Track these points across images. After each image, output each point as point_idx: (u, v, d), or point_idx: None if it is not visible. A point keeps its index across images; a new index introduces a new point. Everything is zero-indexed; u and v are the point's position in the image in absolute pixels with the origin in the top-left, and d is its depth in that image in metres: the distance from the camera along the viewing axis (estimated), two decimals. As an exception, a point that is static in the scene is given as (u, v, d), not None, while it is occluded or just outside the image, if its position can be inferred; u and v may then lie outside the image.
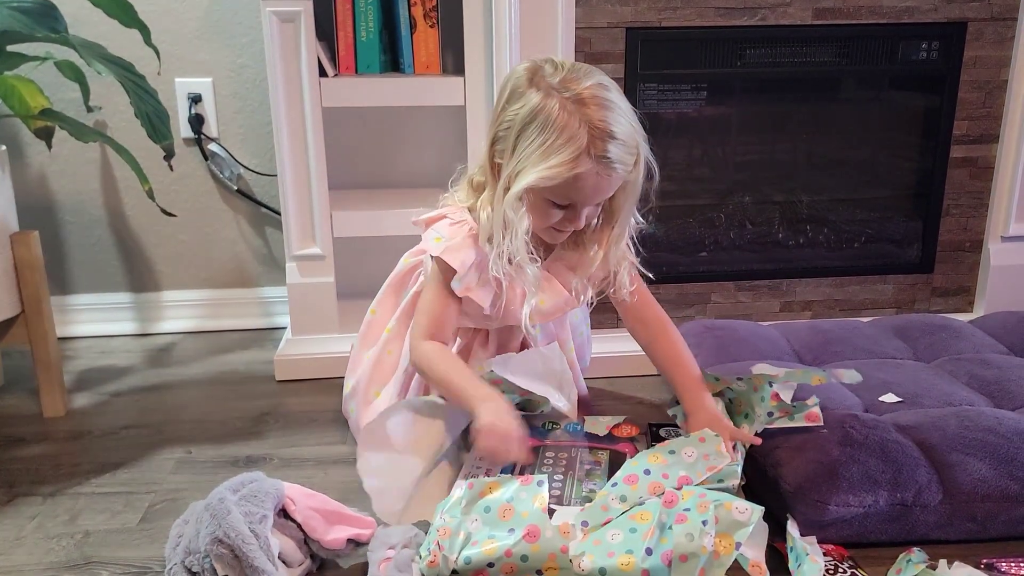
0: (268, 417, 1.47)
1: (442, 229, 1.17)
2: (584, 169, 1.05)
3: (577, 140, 1.05)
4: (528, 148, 1.07)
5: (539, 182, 1.06)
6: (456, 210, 1.19)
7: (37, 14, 1.24)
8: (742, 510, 0.97)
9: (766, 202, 1.75)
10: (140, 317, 1.88)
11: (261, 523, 0.97)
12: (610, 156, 1.06)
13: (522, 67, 1.12)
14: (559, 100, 1.05)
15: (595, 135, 1.05)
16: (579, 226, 1.15)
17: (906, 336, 1.55)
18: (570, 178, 1.06)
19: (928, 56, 1.63)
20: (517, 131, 1.08)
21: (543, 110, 1.06)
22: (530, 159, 1.06)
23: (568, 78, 1.07)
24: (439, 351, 1.17)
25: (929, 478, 1.09)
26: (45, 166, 1.78)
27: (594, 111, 1.05)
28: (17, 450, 1.36)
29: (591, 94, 1.06)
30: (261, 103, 1.78)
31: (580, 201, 1.11)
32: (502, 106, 1.11)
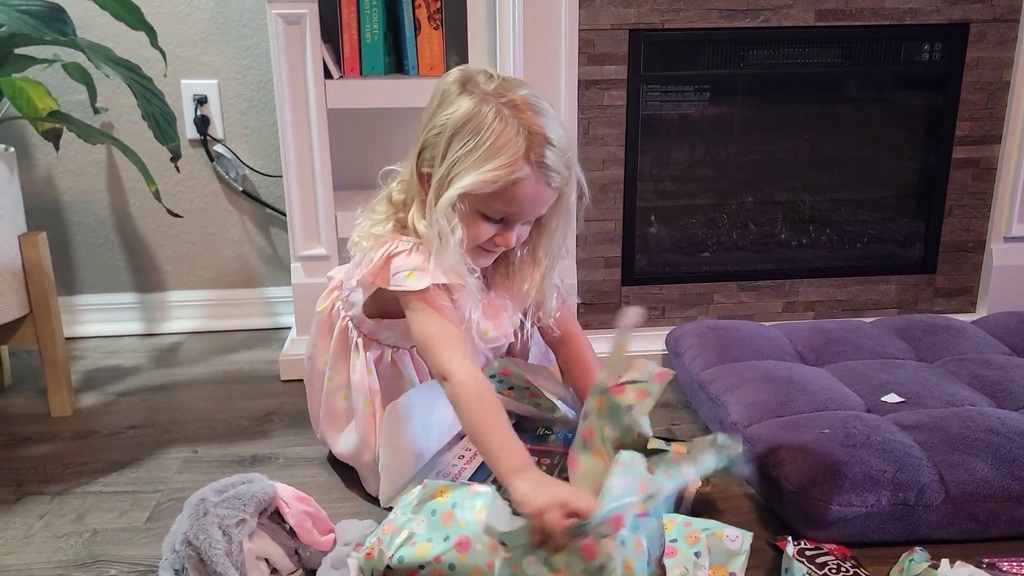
0: (273, 417, 1.48)
1: (403, 264, 1.08)
2: (523, 175, 1.01)
3: (515, 144, 1.01)
4: (461, 153, 1.02)
5: (476, 187, 1.01)
6: (392, 243, 1.10)
7: (45, 17, 1.25)
8: (733, 538, 0.97)
9: (769, 202, 1.76)
10: (146, 317, 1.89)
11: (238, 527, 0.96)
12: (548, 163, 1.02)
13: (453, 74, 1.08)
14: (495, 105, 1.02)
15: (534, 140, 1.02)
16: (509, 244, 1.10)
17: (909, 336, 1.55)
18: (509, 183, 1.01)
19: (931, 57, 1.63)
20: (448, 136, 1.03)
21: (478, 114, 1.02)
22: (464, 164, 1.02)
23: (501, 86, 1.04)
24: (478, 396, 1.01)
25: (931, 478, 1.10)
26: (52, 167, 1.79)
27: (530, 116, 1.02)
28: (25, 449, 1.37)
29: (525, 101, 1.03)
30: (266, 104, 1.79)
31: (515, 214, 1.06)
32: (432, 112, 1.07)
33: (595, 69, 1.56)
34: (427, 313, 1.07)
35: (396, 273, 1.08)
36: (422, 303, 1.07)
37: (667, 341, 1.61)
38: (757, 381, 1.34)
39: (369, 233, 1.13)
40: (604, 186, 1.62)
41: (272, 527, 1.02)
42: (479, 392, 1.01)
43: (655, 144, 1.67)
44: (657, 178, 1.70)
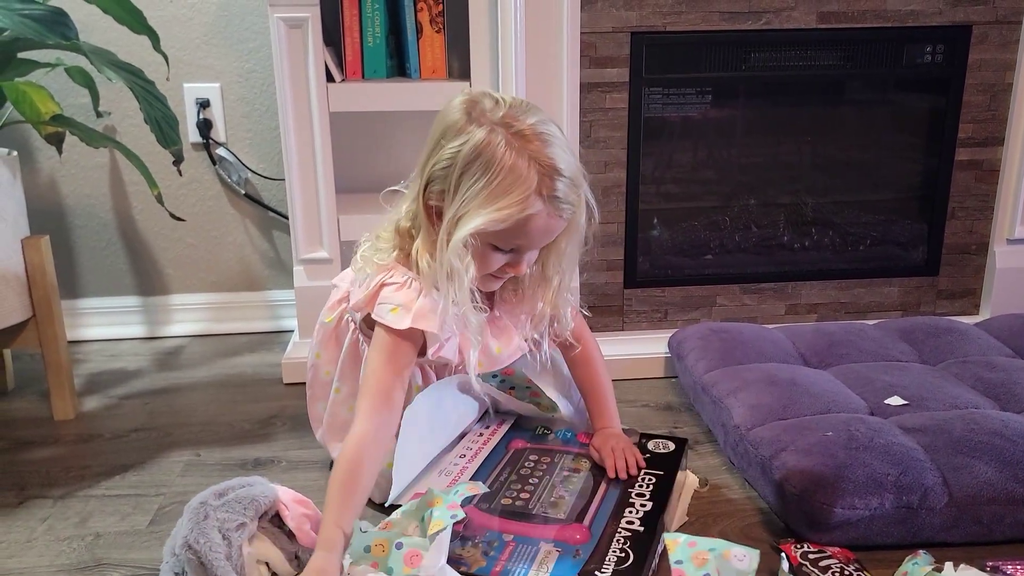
0: (276, 420, 1.48)
1: (391, 298, 1.07)
2: (535, 210, 0.99)
3: (527, 180, 0.98)
4: (472, 189, 0.99)
5: (487, 225, 0.99)
6: (389, 272, 1.10)
7: (48, 21, 1.25)
8: (741, 557, 0.97)
9: (771, 205, 1.76)
10: (148, 320, 1.89)
11: (238, 531, 0.96)
12: (560, 195, 1.00)
13: (458, 101, 1.04)
14: (504, 136, 0.99)
15: (544, 173, 0.99)
16: (520, 272, 1.09)
17: (912, 339, 1.55)
18: (521, 220, 0.99)
19: (933, 59, 1.63)
20: (459, 170, 1.00)
21: (487, 147, 0.98)
22: (475, 201, 0.99)
23: (510, 114, 1.01)
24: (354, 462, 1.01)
25: (935, 481, 1.09)
26: (55, 171, 1.80)
27: (540, 147, 0.99)
28: (28, 453, 1.37)
29: (535, 131, 1.00)
30: (268, 108, 1.80)
31: (526, 245, 1.05)
32: (436, 142, 1.03)
33: (597, 72, 1.56)
34: (384, 357, 1.07)
35: (381, 303, 1.08)
36: (388, 340, 1.07)
37: (670, 344, 1.61)
38: (760, 384, 1.34)
39: (372, 260, 1.12)
40: (606, 189, 1.62)
41: (272, 530, 1.02)
42: (358, 456, 1.01)
43: (657, 147, 1.67)
44: (659, 181, 1.70)
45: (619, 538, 1.03)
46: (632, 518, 1.07)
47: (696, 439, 1.40)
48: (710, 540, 1.00)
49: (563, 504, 1.08)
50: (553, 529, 1.04)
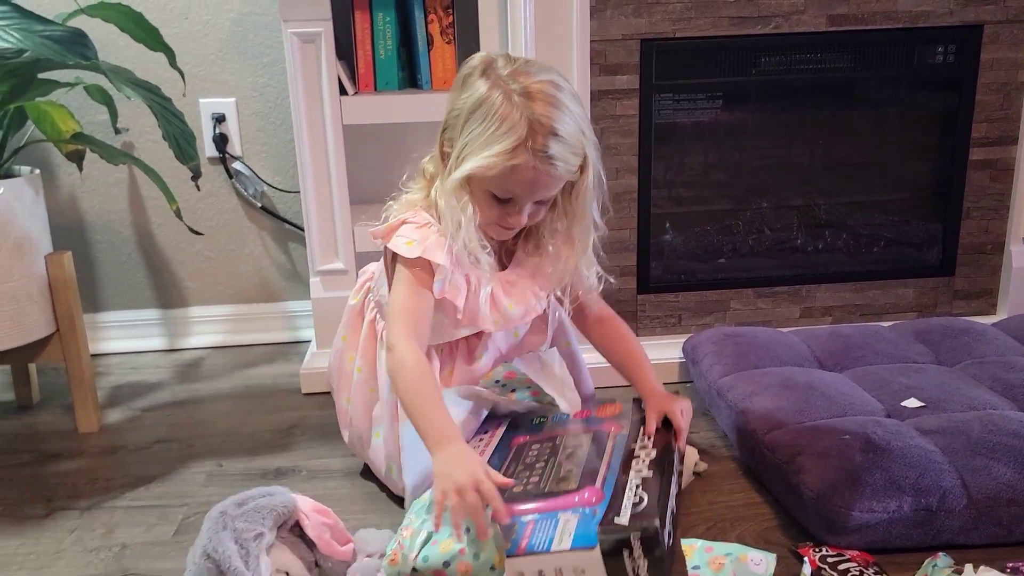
0: (296, 429, 1.50)
1: (410, 233, 1.14)
2: (520, 161, 1.05)
3: (516, 131, 1.04)
4: (471, 136, 1.07)
5: (478, 170, 1.06)
6: (414, 213, 1.16)
7: (68, 42, 1.27)
8: (757, 561, 0.97)
9: (784, 207, 1.76)
10: (169, 333, 1.92)
11: (255, 540, 0.97)
12: (549, 152, 1.05)
13: (478, 58, 1.12)
14: (504, 91, 1.06)
15: (535, 128, 1.05)
16: (521, 223, 1.13)
17: (928, 340, 1.55)
18: (507, 168, 1.05)
19: (944, 59, 1.63)
20: (464, 119, 1.09)
21: (488, 99, 1.06)
22: (472, 147, 1.07)
23: (518, 71, 1.08)
24: (416, 367, 1.07)
25: (953, 483, 1.09)
26: (76, 187, 1.83)
27: (538, 106, 1.05)
28: (54, 465, 1.40)
29: (539, 89, 1.06)
30: (283, 121, 1.82)
31: (519, 195, 1.10)
32: (454, 95, 1.12)
33: (607, 79, 1.57)
34: (405, 285, 1.13)
35: (399, 236, 1.14)
36: (407, 273, 1.13)
37: (684, 349, 1.62)
38: (776, 388, 1.34)
39: (403, 200, 1.20)
40: (618, 195, 1.62)
41: (292, 540, 1.03)
42: (417, 367, 1.07)
43: (668, 152, 1.68)
44: (671, 186, 1.71)
45: (631, 486, 1.02)
46: (640, 467, 1.07)
47: (712, 444, 1.40)
48: (726, 545, 1.01)
49: (572, 476, 1.08)
50: (568, 499, 1.03)
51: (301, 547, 1.03)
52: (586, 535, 0.94)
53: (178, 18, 1.75)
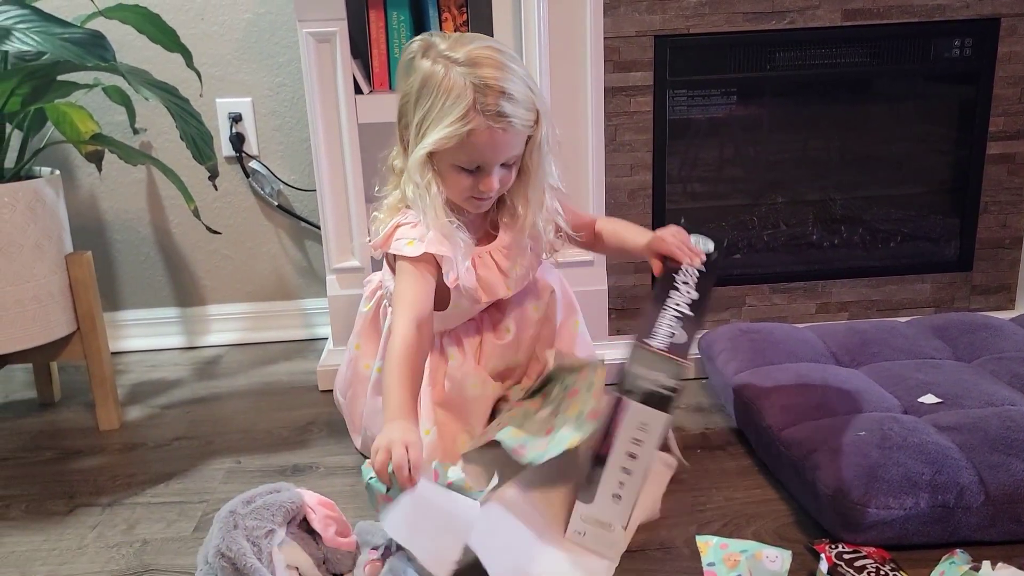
0: (312, 426, 1.51)
1: (407, 234, 1.17)
2: (475, 125, 1.08)
3: (463, 98, 1.07)
4: (423, 115, 1.11)
5: (438, 144, 1.10)
6: (403, 215, 1.20)
7: (87, 44, 1.29)
8: (773, 558, 0.97)
9: (800, 203, 1.75)
10: (187, 331, 1.94)
11: (267, 538, 0.98)
12: (499, 109, 1.08)
13: (416, 42, 1.15)
14: (444, 64, 1.10)
15: (480, 91, 1.08)
16: (492, 188, 1.15)
17: (945, 336, 1.54)
18: (463, 135, 1.08)
19: (961, 53, 1.62)
20: (414, 101, 1.12)
21: (432, 76, 1.10)
22: (426, 124, 1.10)
23: (455, 43, 1.12)
24: (402, 348, 1.08)
25: (971, 479, 1.09)
26: (95, 188, 1.85)
27: (482, 70, 1.08)
28: (76, 462, 1.42)
29: (479, 54, 1.10)
30: (299, 121, 1.83)
31: (485, 161, 1.12)
32: (401, 82, 1.16)
33: (621, 76, 1.57)
34: (407, 277, 1.16)
35: (398, 239, 1.18)
36: (408, 267, 1.16)
37: (699, 345, 1.61)
38: (791, 384, 1.34)
39: (385, 206, 1.24)
40: (632, 192, 1.63)
41: (301, 535, 1.04)
42: (403, 348, 1.09)
43: (683, 148, 1.67)
44: (686, 181, 1.71)
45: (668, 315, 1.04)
46: (680, 301, 1.07)
47: (728, 440, 1.40)
48: (742, 542, 1.01)
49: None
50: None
51: (309, 542, 1.04)
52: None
53: (194, 19, 1.77)
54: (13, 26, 1.25)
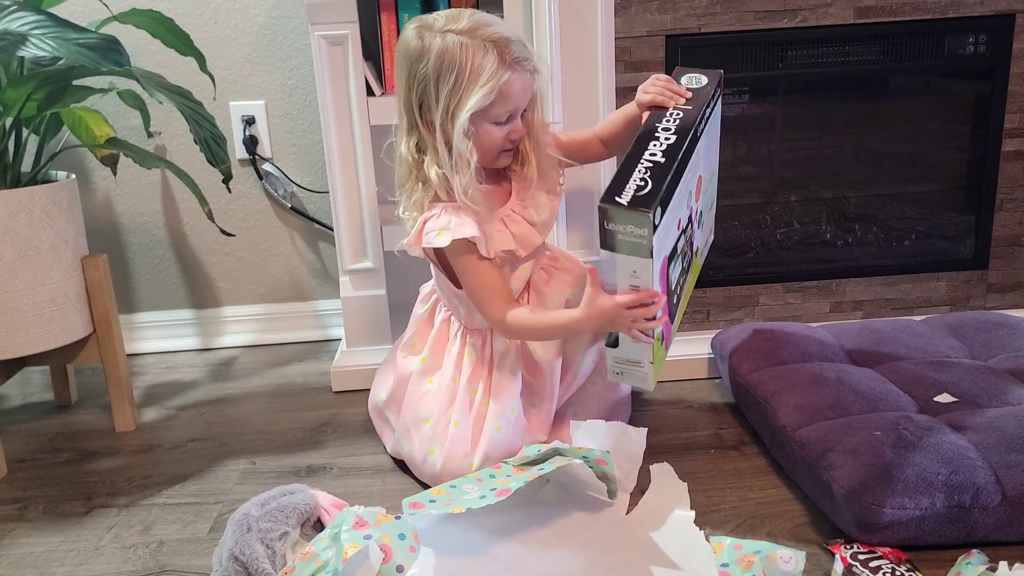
0: (327, 427, 1.52)
1: (433, 226, 1.23)
2: (508, 76, 1.17)
3: (489, 56, 1.16)
4: (450, 87, 1.16)
5: (479, 103, 1.16)
6: (428, 209, 1.25)
7: (101, 49, 1.30)
8: (787, 559, 0.97)
9: (813, 201, 1.74)
10: (202, 332, 1.95)
11: (280, 540, 0.99)
12: (522, 54, 1.18)
13: (410, 32, 1.20)
14: (453, 36, 1.16)
15: (499, 45, 1.16)
16: (522, 132, 1.25)
17: (961, 334, 1.53)
18: (502, 87, 1.16)
19: (975, 50, 1.60)
20: (434, 81, 1.17)
21: (447, 51, 1.16)
22: (458, 93, 1.16)
23: (450, 19, 1.19)
24: (526, 319, 1.23)
25: (987, 479, 1.08)
26: (110, 191, 1.86)
27: (485, 31, 1.17)
28: (92, 463, 1.43)
29: (475, 22, 1.18)
30: (312, 123, 1.84)
31: (515, 108, 1.21)
32: (409, 73, 1.20)
33: (632, 76, 1.56)
34: (470, 270, 1.24)
35: (427, 233, 1.23)
36: (463, 262, 1.23)
37: (713, 344, 1.61)
38: (806, 383, 1.33)
39: (411, 203, 1.28)
40: (645, 192, 1.62)
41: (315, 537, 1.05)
42: (526, 319, 1.23)
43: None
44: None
45: (640, 168, 1.07)
46: (655, 150, 1.10)
47: (742, 440, 1.40)
48: (755, 542, 1.00)
49: None
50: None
51: None
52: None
53: (208, 23, 1.78)
54: (29, 32, 1.26)
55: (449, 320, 1.36)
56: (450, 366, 1.32)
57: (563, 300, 1.33)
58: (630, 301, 1.10)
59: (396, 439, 1.35)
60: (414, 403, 1.32)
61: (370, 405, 1.47)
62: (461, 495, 1.11)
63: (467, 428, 1.27)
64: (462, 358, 1.32)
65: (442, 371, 1.33)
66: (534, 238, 1.30)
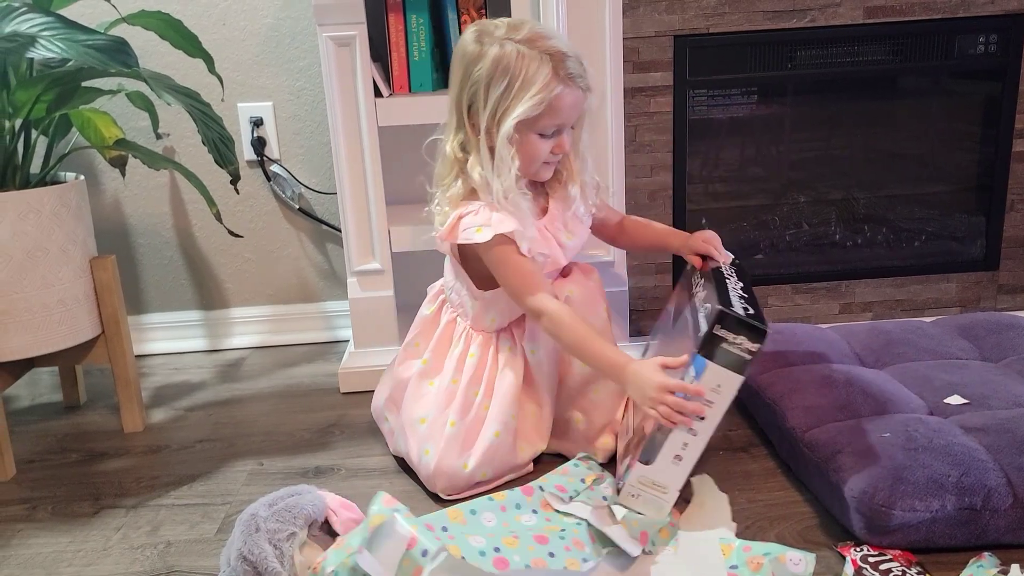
0: (334, 428, 1.52)
1: (473, 221, 1.23)
2: (560, 90, 1.18)
3: (544, 67, 1.17)
4: (501, 92, 1.18)
5: (527, 112, 1.17)
6: (464, 205, 1.26)
7: (110, 50, 1.30)
8: (796, 561, 0.97)
9: (822, 202, 1.74)
10: (210, 334, 1.95)
11: (288, 541, 0.98)
12: (573, 71, 1.19)
13: (469, 36, 1.22)
14: (512, 45, 1.18)
15: (556, 59, 1.18)
16: (566, 148, 1.25)
17: (971, 336, 1.52)
18: (552, 100, 1.18)
19: (986, 50, 1.60)
20: (485, 85, 1.19)
21: (503, 57, 1.18)
22: (507, 100, 1.18)
23: (511, 28, 1.20)
24: (571, 318, 1.20)
25: (998, 482, 1.07)
26: (119, 192, 1.87)
27: (545, 43, 1.18)
28: (101, 464, 1.43)
29: (535, 32, 1.20)
30: (319, 124, 1.84)
31: (565, 122, 1.23)
32: (464, 74, 1.22)
33: (640, 77, 1.56)
34: (505, 265, 1.23)
35: (465, 229, 1.23)
36: (500, 255, 1.22)
37: (721, 346, 1.60)
38: (815, 385, 1.33)
39: (445, 198, 1.28)
40: (653, 192, 1.62)
41: (323, 538, 1.04)
42: (570, 316, 1.20)
43: (703, 148, 1.67)
44: (707, 182, 1.70)
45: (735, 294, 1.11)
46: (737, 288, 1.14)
47: (750, 442, 1.39)
48: (765, 544, 1.00)
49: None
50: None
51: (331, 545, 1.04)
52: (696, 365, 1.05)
53: (216, 24, 1.78)
54: (38, 33, 1.26)
55: (455, 321, 1.36)
56: (451, 368, 1.31)
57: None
58: (676, 387, 1.06)
59: (395, 439, 1.35)
60: (412, 403, 1.32)
61: (372, 407, 1.47)
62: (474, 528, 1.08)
63: (463, 429, 1.26)
64: (464, 360, 1.31)
65: (443, 373, 1.32)
66: (559, 260, 1.30)
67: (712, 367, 1.05)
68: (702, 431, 1.08)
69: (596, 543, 1.07)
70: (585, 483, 1.21)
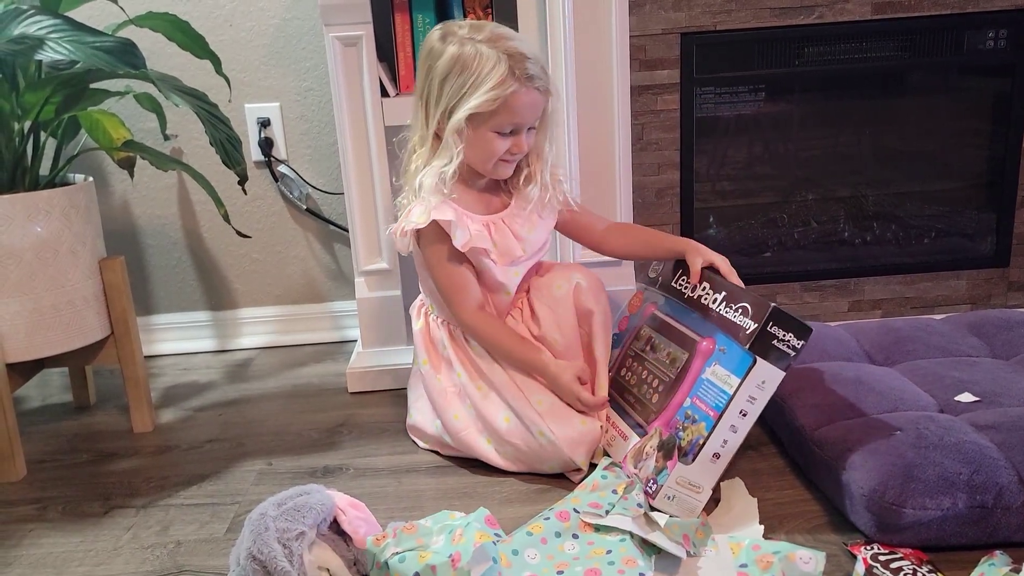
0: (343, 428, 1.52)
1: (417, 208, 1.27)
2: (514, 88, 1.19)
3: (500, 66, 1.19)
4: (454, 88, 1.20)
5: (480, 107, 1.19)
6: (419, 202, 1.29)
7: (118, 52, 1.30)
8: (807, 560, 0.96)
9: (831, 199, 1.73)
10: (219, 334, 1.96)
11: (297, 540, 0.98)
12: (534, 72, 1.21)
13: (434, 34, 1.25)
14: (471, 43, 1.21)
15: (514, 59, 1.20)
16: (523, 148, 1.26)
17: (982, 333, 1.51)
18: (508, 98, 1.19)
19: (995, 45, 1.59)
20: (440, 80, 1.22)
21: (461, 55, 1.20)
22: (460, 95, 1.20)
23: (474, 28, 1.23)
24: (490, 322, 1.29)
25: (1010, 479, 1.06)
26: (127, 194, 1.87)
27: (505, 44, 1.21)
28: (111, 464, 1.44)
29: (498, 33, 1.22)
30: (326, 124, 1.84)
31: (521, 122, 1.24)
32: (426, 71, 1.25)
33: (647, 74, 1.56)
34: (441, 265, 1.28)
35: (408, 220, 1.27)
36: (435, 255, 1.27)
37: (730, 344, 1.60)
38: (824, 383, 1.32)
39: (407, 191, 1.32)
40: (660, 191, 1.61)
41: (332, 537, 1.04)
42: (487, 326, 1.29)
43: (711, 146, 1.66)
44: (714, 179, 1.69)
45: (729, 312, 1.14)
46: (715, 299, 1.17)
47: (760, 440, 1.39)
48: (774, 543, 0.99)
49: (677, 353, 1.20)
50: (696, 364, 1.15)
51: (341, 544, 1.05)
52: (741, 362, 1.08)
53: (223, 25, 1.79)
54: (46, 36, 1.27)
55: (443, 324, 1.37)
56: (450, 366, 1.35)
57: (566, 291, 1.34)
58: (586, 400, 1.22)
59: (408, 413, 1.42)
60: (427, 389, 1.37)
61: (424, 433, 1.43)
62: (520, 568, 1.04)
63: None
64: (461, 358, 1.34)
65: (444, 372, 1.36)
66: (515, 251, 1.31)
67: (761, 364, 1.07)
68: (741, 428, 1.10)
69: (644, 553, 1.06)
70: (617, 493, 1.19)
